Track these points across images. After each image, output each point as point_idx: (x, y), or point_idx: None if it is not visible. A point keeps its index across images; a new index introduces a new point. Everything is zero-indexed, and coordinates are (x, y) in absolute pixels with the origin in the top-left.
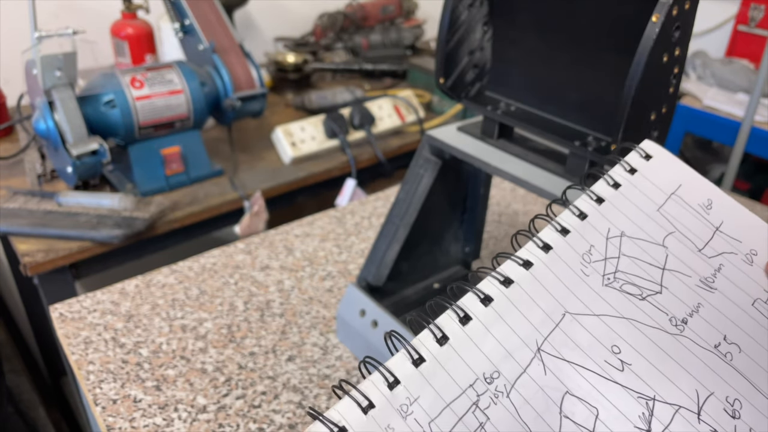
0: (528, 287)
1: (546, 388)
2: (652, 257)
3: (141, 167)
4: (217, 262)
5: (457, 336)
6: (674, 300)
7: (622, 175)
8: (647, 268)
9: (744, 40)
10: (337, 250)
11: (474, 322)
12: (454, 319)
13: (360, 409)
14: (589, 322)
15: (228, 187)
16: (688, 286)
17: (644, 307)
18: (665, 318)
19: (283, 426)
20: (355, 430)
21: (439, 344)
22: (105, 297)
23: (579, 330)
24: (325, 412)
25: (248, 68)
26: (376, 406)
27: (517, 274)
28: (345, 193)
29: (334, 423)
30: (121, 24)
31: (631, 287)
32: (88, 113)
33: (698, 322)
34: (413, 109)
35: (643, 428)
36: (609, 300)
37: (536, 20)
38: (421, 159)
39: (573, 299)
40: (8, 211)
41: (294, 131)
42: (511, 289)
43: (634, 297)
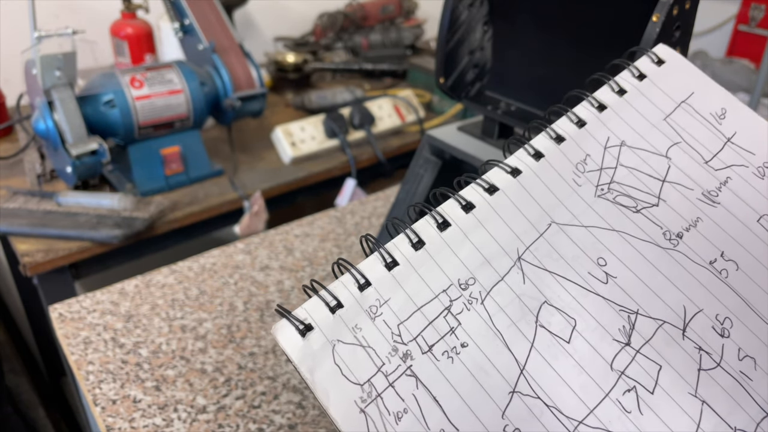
0: (513, 195)
1: (523, 297)
2: (652, 168)
3: (141, 167)
4: (217, 262)
5: (433, 241)
6: (671, 213)
7: (628, 81)
8: (645, 180)
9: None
10: (337, 251)
11: (452, 228)
12: (432, 225)
13: (328, 308)
14: (576, 233)
15: (228, 187)
16: (689, 200)
17: (637, 220)
18: (659, 231)
19: (283, 426)
20: (320, 327)
21: (414, 249)
22: (105, 297)
23: (565, 241)
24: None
25: (248, 68)
26: (344, 306)
27: (503, 182)
28: (345, 193)
29: (300, 321)
30: (121, 24)
31: (625, 199)
32: (88, 113)
33: (694, 236)
34: (413, 108)
35: (622, 341)
36: (600, 211)
37: (536, 20)
38: (421, 159)
39: (561, 209)
40: (8, 211)
41: (294, 131)
42: (496, 197)
43: (628, 209)
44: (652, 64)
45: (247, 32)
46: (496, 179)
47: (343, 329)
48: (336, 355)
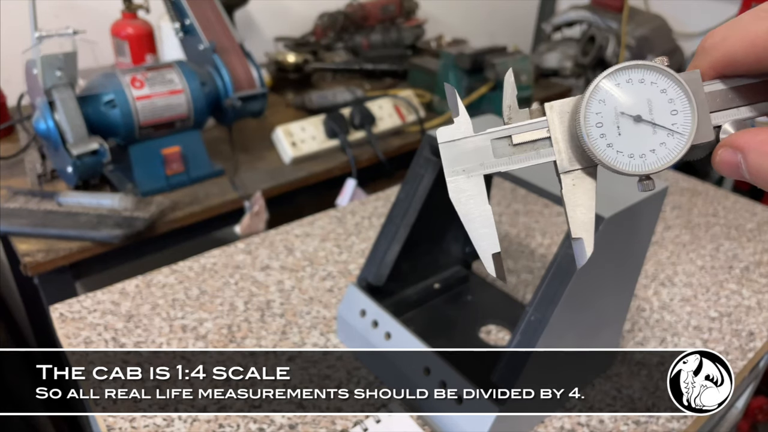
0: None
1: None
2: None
3: (141, 167)
4: (218, 262)
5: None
6: None
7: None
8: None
9: None
10: (337, 250)
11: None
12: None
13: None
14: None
15: (228, 187)
16: None
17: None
18: None
19: (283, 426)
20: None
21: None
22: (105, 297)
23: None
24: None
25: (248, 68)
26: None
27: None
28: (345, 193)
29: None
30: (122, 24)
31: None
32: (89, 113)
33: None
34: (414, 108)
35: None
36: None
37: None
38: (421, 159)
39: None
40: (8, 211)
41: (294, 131)
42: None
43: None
44: None
45: (248, 32)
46: None
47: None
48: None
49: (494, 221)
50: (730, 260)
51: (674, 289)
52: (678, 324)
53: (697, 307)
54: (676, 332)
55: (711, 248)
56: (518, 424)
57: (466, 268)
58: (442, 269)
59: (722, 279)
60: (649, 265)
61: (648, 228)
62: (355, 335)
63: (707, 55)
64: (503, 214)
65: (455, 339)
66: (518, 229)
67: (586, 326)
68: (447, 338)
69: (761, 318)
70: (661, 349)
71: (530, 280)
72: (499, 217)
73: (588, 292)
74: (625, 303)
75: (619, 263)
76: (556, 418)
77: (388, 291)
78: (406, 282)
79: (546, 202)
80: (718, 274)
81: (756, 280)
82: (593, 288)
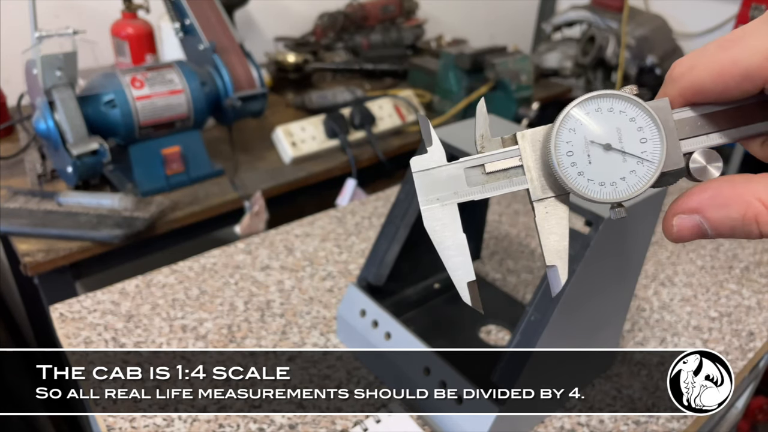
0: None
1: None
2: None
3: (141, 167)
4: (218, 262)
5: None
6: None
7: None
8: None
9: None
10: (337, 250)
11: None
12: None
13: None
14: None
15: (228, 187)
16: None
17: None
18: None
19: (283, 426)
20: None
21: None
22: (105, 297)
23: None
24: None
25: (248, 68)
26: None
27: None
28: (345, 193)
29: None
30: (122, 24)
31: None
32: (89, 113)
33: None
34: (414, 108)
35: None
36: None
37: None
38: None
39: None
40: (8, 211)
41: (294, 131)
42: None
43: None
44: None
45: (248, 32)
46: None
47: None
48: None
49: (468, 250)
50: (730, 260)
51: (674, 289)
52: (678, 324)
53: (697, 307)
54: (676, 332)
55: (711, 248)
56: (518, 424)
57: None
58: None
59: (722, 279)
60: (649, 265)
61: (648, 228)
62: (355, 335)
63: (675, 83)
64: (503, 214)
65: (455, 339)
66: (518, 229)
67: (586, 326)
68: (447, 338)
69: (761, 318)
70: (661, 349)
71: (530, 280)
72: (499, 217)
73: (588, 292)
74: (625, 303)
75: (619, 263)
76: (556, 418)
77: (388, 291)
78: (406, 282)
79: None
80: (718, 274)
81: (756, 280)
82: (593, 288)
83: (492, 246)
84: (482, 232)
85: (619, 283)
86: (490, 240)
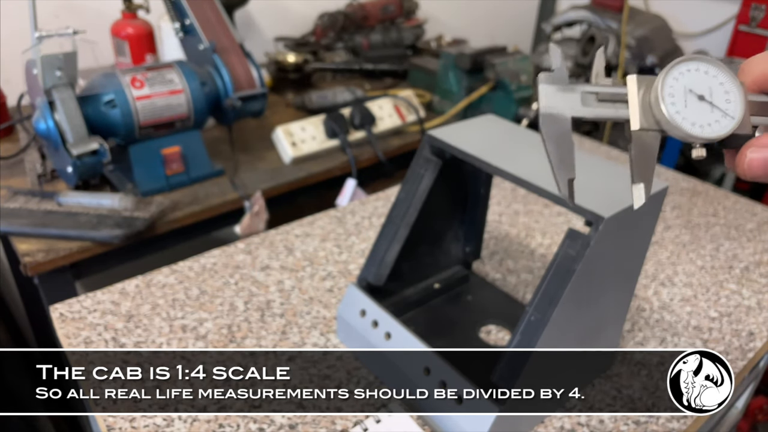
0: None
1: None
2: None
3: (141, 167)
4: (218, 262)
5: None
6: None
7: None
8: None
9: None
10: (337, 250)
11: None
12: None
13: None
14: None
15: (228, 187)
16: None
17: None
18: None
19: (283, 426)
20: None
21: None
22: (105, 297)
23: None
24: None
25: (248, 68)
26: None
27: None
28: (345, 193)
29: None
30: (122, 24)
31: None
32: (89, 113)
33: None
34: (414, 108)
35: None
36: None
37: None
38: (421, 159)
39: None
40: (8, 211)
41: (294, 131)
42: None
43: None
44: None
45: (248, 32)
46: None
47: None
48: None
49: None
50: (730, 260)
51: (674, 289)
52: (678, 324)
53: (697, 307)
54: (676, 332)
55: (711, 248)
56: (518, 424)
57: (466, 268)
58: (442, 269)
59: (722, 279)
60: (649, 265)
61: (648, 228)
62: (355, 335)
63: (749, 73)
64: (503, 214)
65: (455, 339)
66: (518, 229)
67: (586, 326)
68: (447, 338)
69: (761, 318)
70: (661, 349)
71: (530, 280)
72: (499, 217)
73: (588, 292)
74: (625, 303)
75: (619, 263)
76: (556, 418)
77: (388, 291)
78: (406, 282)
79: (546, 202)
80: (718, 274)
81: (756, 280)
82: (593, 288)
83: (492, 246)
84: (482, 232)
85: (619, 283)
86: (490, 240)
